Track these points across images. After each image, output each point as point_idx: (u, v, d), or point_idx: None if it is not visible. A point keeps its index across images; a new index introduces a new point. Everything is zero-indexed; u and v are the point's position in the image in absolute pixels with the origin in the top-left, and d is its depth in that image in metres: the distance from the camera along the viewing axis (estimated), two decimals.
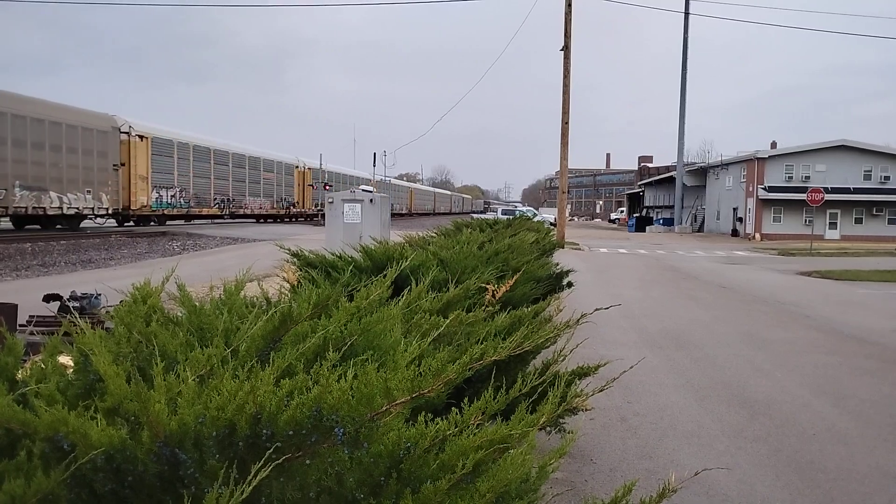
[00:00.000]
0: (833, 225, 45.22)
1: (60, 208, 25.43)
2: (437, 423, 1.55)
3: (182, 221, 36.39)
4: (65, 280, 12.43)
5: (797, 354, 8.02)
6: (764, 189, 44.69)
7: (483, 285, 3.59)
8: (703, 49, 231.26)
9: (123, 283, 2.65)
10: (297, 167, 50.19)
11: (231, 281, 2.52)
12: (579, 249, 28.41)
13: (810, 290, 15.38)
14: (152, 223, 32.89)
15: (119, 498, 1.36)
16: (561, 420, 2.60)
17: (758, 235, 44.22)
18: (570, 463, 4.31)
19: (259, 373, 1.52)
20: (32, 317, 5.52)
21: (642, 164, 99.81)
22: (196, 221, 37.46)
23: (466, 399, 1.71)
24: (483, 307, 3.23)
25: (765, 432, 5.12)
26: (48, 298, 5.93)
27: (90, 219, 28.28)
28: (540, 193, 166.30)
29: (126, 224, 31.45)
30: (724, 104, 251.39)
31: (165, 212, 32.95)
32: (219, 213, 38.61)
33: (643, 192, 77.82)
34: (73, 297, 5.96)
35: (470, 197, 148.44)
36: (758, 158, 45.54)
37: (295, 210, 49.47)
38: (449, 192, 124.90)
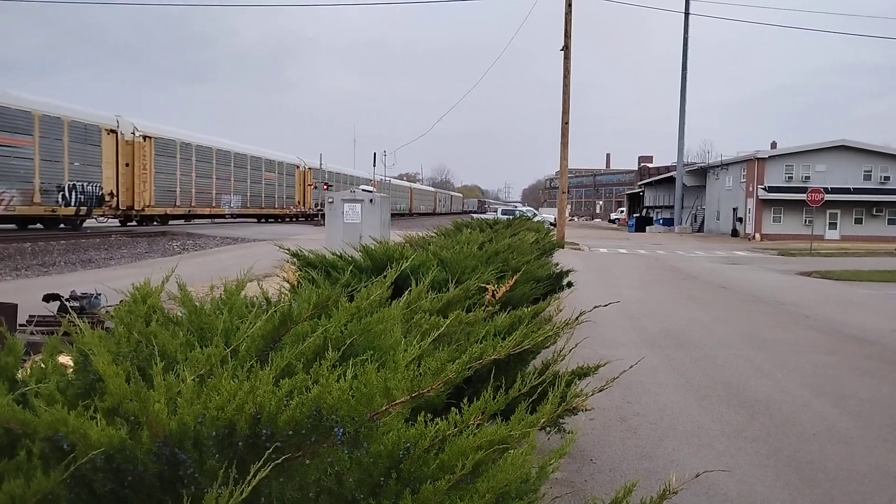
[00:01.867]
0: (833, 225, 45.21)
1: None
2: (436, 424, 1.55)
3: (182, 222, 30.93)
4: (65, 280, 12.43)
5: (797, 354, 8.01)
6: (764, 189, 44.68)
7: (483, 285, 3.59)
8: (704, 49, 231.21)
9: (123, 283, 2.65)
10: (111, 131, 27.71)
11: (231, 281, 2.52)
12: (579, 249, 28.40)
13: (810, 290, 15.38)
14: None
15: (119, 498, 1.36)
16: (561, 420, 2.60)
17: (758, 235, 44.21)
18: (570, 463, 4.31)
19: (258, 373, 1.52)
20: (32, 317, 5.52)
21: (642, 164, 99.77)
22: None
23: (466, 399, 1.71)
24: (483, 307, 3.23)
25: (765, 432, 5.12)
26: (48, 298, 5.93)
27: None
28: (540, 193, 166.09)
29: None
30: (724, 104, 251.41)
31: None
32: None
33: (643, 192, 77.81)
34: (72, 297, 5.95)
35: (461, 195, 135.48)
36: (758, 158, 45.53)
37: (108, 208, 27.82)
38: (433, 189, 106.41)
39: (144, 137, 30.20)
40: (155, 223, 32.14)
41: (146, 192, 30.36)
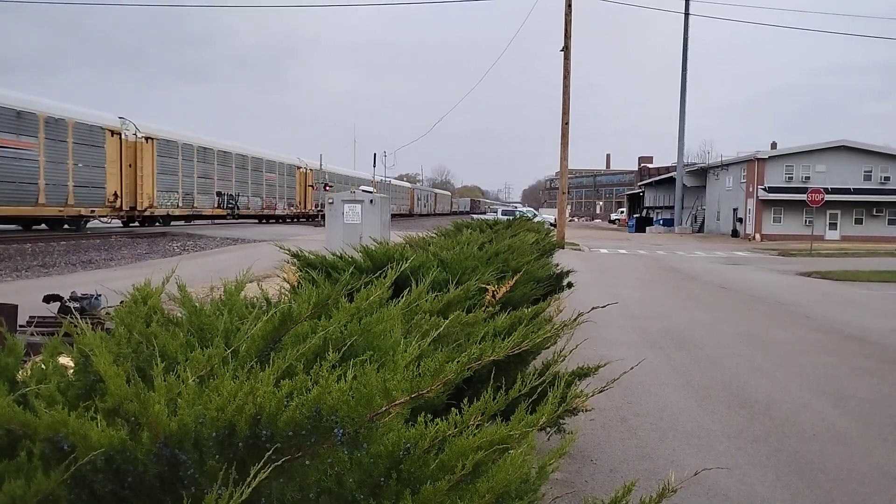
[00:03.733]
0: (833, 225, 45.21)
1: None
2: (436, 424, 1.55)
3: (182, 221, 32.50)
4: (65, 281, 12.42)
5: (797, 354, 8.01)
6: (764, 189, 44.68)
7: (483, 286, 3.59)
8: (704, 49, 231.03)
9: (124, 284, 2.65)
10: None
11: (231, 281, 2.52)
12: (579, 250, 28.40)
13: (810, 290, 15.37)
14: None
15: (119, 498, 1.37)
16: (561, 420, 2.60)
17: (758, 236, 44.19)
18: (570, 463, 4.31)
19: (259, 373, 1.52)
20: (33, 317, 5.52)
21: (642, 165, 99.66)
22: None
23: (466, 399, 1.71)
24: (483, 308, 3.23)
25: (765, 432, 5.12)
26: (48, 299, 5.93)
27: None
28: (540, 194, 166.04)
29: None
30: (724, 104, 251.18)
31: None
32: None
33: (643, 192, 77.78)
34: (73, 298, 5.96)
35: (448, 194, 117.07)
36: (758, 159, 45.53)
37: None
38: (409, 185, 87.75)
39: None
40: None
41: None
